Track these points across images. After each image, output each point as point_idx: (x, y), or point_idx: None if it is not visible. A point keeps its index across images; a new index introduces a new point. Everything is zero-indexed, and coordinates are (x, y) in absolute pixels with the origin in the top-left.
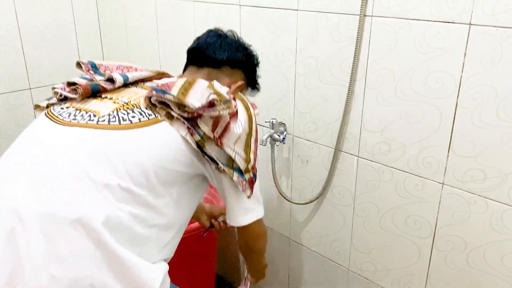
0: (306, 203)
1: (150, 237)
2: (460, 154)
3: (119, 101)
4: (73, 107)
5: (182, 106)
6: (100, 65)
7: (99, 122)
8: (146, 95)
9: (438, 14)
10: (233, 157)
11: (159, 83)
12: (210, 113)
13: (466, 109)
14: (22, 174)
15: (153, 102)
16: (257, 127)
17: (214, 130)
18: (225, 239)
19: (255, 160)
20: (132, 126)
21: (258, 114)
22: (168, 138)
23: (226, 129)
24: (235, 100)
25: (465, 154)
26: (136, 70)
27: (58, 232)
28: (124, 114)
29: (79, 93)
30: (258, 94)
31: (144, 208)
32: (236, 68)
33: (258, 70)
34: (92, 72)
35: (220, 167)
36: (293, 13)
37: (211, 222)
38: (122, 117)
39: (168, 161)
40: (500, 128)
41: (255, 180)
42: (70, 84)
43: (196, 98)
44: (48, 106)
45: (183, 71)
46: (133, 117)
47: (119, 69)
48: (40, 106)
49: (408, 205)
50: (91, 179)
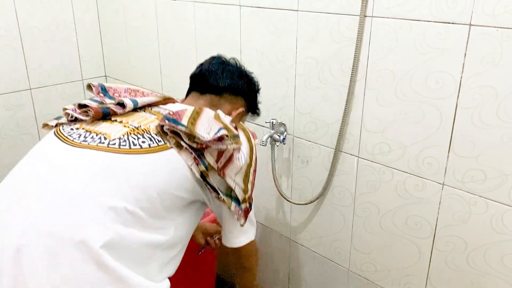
0: (306, 204)
1: (153, 257)
2: (460, 154)
3: (129, 125)
4: (83, 129)
5: (192, 137)
6: (109, 88)
7: (110, 145)
8: (159, 123)
9: (438, 14)
10: (233, 187)
11: (170, 111)
12: (218, 146)
13: (466, 109)
14: (31, 193)
15: (165, 130)
16: (256, 158)
17: (218, 160)
18: None
19: (252, 190)
20: (141, 151)
21: (258, 144)
22: (175, 165)
23: (229, 160)
24: (237, 129)
25: (465, 154)
26: (143, 93)
27: (63, 252)
28: (134, 139)
29: (91, 115)
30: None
31: (147, 230)
32: (237, 95)
33: (258, 96)
34: (102, 95)
35: (220, 197)
36: (293, 13)
37: (207, 240)
38: (133, 141)
39: (173, 187)
40: (500, 128)
41: (251, 209)
42: (81, 106)
43: (204, 130)
44: (56, 125)
45: (186, 96)
46: (143, 142)
47: (127, 92)
48: (48, 125)
49: (408, 205)
50: (99, 201)
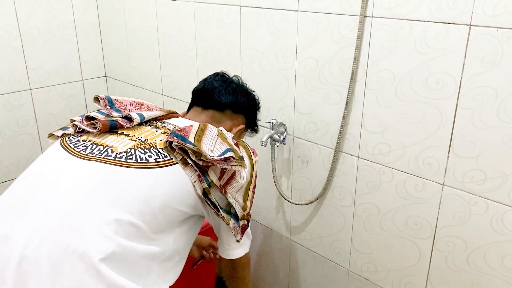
0: (306, 204)
1: (153, 267)
2: (460, 155)
3: (136, 139)
4: (90, 141)
5: (198, 154)
6: (115, 100)
7: (117, 158)
8: (167, 139)
9: (438, 15)
10: (233, 205)
11: (177, 127)
12: (223, 165)
13: (466, 110)
14: (36, 203)
15: (173, 146)
16: (256, 175)
17: (220, 178)
18: None
19: (251, 207)
20: (147, 165)
21: (258, 162)
22: (179, 181)
23: (231, 178)
24: (239, 146)
25: (465, 155)
26: (147, 107)
27: (67, 264)
28: (141, 153)
29: (98, 128)
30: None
31: (147, 242)
32: (238, 112)
33: (258, 114)
34: (109, 107)
35: (220, 214)
36: (293, 13)
37: (202, 253)
38: (139, 155)
39: (176, 201)
40: (500, 128)
41: (248, 226)
42: (89, 118)
43: (208, 147)
44: (62, 135)
45: (188, 110)
46: (149, 156)
47: (132, 105)
48: (54, 135)
49: (408, 205)
50: (104, 213)
